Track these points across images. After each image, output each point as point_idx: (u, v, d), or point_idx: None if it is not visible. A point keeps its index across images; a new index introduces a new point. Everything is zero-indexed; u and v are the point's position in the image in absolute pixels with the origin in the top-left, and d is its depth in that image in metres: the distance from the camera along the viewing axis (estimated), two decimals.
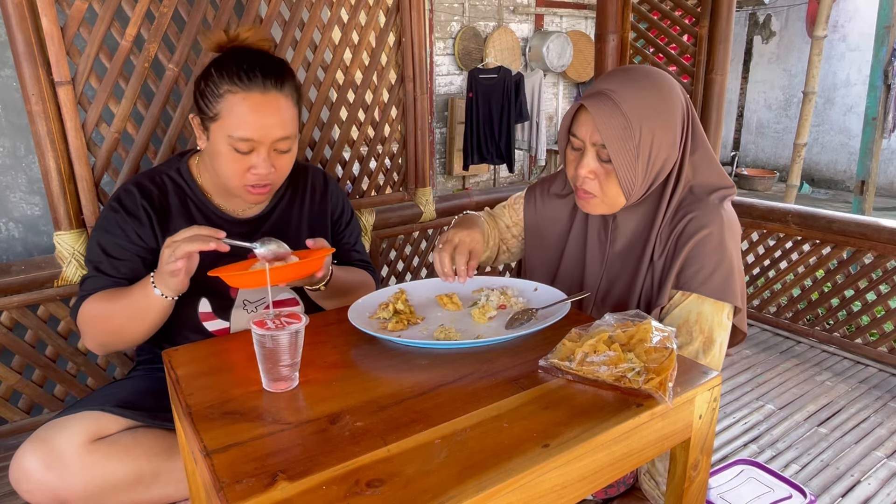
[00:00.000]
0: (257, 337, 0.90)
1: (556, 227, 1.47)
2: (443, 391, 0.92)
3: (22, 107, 1.85)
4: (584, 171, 1.23)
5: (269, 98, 1.21)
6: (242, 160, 1.23)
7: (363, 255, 1.61)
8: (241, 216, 1.40)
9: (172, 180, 1.35)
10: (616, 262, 1.36)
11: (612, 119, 1.16)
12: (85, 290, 1.25)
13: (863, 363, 2.16)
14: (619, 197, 1.25)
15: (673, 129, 1.21)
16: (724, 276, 1.20)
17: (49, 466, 1.12)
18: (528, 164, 7.40)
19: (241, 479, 0.72)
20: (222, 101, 1.20)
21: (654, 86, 1.20)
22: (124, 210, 1.28)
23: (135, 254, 1.27)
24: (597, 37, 2.57)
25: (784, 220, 2.33)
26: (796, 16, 7.60)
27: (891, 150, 6.93)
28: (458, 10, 6.35)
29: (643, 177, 1.22)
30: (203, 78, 1.24)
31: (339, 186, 1.58)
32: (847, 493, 1.49)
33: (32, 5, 1.45)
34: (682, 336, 1.22)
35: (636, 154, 1.18)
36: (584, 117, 1.22)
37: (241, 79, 1.20)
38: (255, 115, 1.20)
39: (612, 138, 1.17)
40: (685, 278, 1.22)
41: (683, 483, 0.97)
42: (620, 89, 1.19)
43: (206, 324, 1.35)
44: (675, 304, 1.24)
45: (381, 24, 2.06)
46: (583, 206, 1.30)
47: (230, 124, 1.20)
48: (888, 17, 3.84)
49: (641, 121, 1.17)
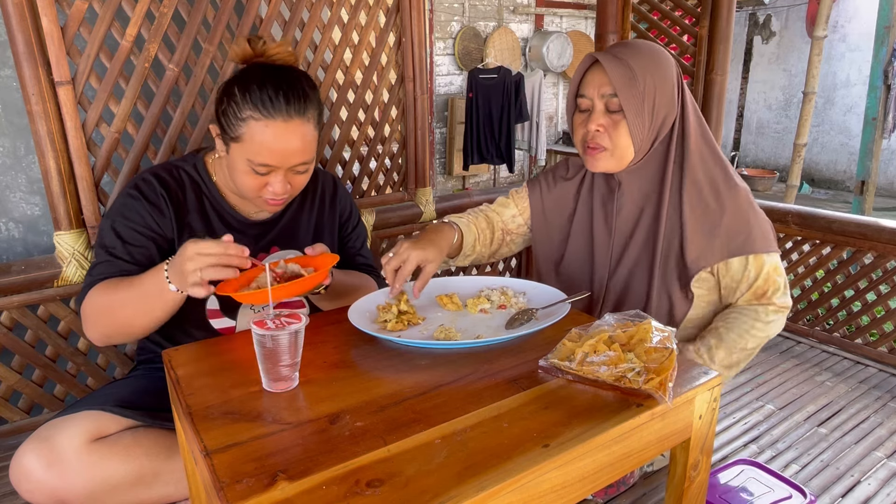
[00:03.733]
0: (257, 337, 0.90)
1: (562, 209, 1.54)
2: (443, 391, 0.92)
3: (22, 107, 1.85)
4: (593, 125, 1.34)
5: (291, 126, 1.20)
6: (260, 179, 1.24)
7: (368, 260, 1.61)
8: (254, 218, 1.41)
9: (189, 176, 1.35)
10: (625, 227, 1.44)
11: (620, 69, 1.30)
12: (95, 275, 1.23)
13: (863, 363, 2.16)
14: (628, 147, 1.35)
15: (671, 86, 1.35)
16: (765, 227, 1.37)
17: (49, 466, 1.12)
18: (528, 165, 7.40)
19: (241, 479, 0.72)
20: (244, 126, 1.19)
21: (651, 50, 1.36)
22: (144, 198, 1.27)
23: (151, 241, 1.26)
24: (597, 37, 2.57)
25: (784, 220, 2.33)
26: (796, 16, 7.59)
27: (891, 150, 6.92)
28: (458, 10, 6.35)
29: (649, 124, 1.34)
30: (226, 94, 1.22)
31: (347, 192, 1.59)
32: (847, 493, 1.49)
33: (32, 5, 1.45)
34: (770, 286, 1.37)
35: (642, 99, 1.31)
36: (589, 77, 1.36)
37: (266, 105, 1.18)
38: (277, 143, 1.19)
39: (621, 85, 1.30)
40: (742, 244, 1.35)
41: (683, 483, 0.97)
42: (623, 50, 1.34)
43: (212, 321, 1.36)
44: (753, 269, 1.36)
45: (381, 24, 2.06)
46: (592, 163, 1.38)
47: (251, 150, 1.20)
48: (888, 17, 3.83)
49: (645, 73, 1.31)
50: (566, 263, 1.52)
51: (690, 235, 1.36)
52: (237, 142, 1.21)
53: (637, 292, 1.42)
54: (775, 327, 1.41)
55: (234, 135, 1.21)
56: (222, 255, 1.05)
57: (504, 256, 1.62)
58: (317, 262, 1.22)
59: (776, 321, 1.40)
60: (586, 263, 1.50)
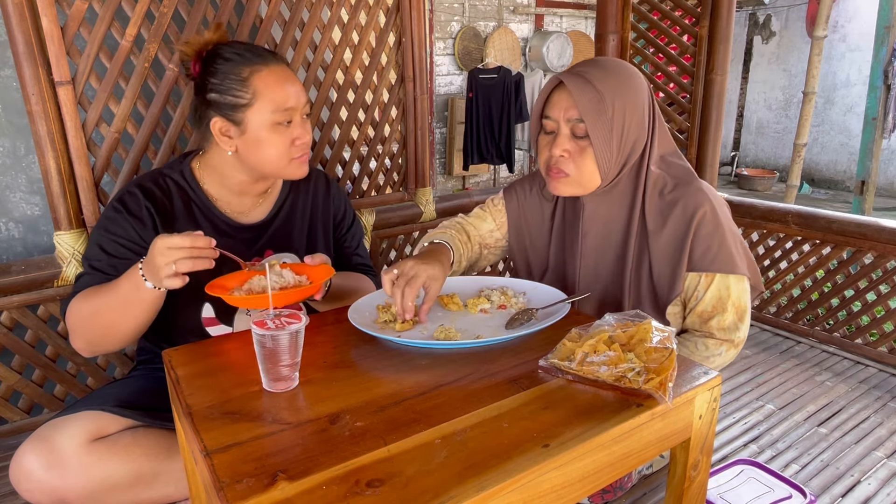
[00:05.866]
0: (257, 337, 0.90)
1: (540, 225, 1.49)
2: (443, 391, 0.92)
3: (22, 107, 1.85)
4: (558, 150, 1.27)
5: (284, 69, 1.29)
6: (286, 134, 1.27)
7: (365, 259, 1.60)
8: (245, 221, 1.39)
9: (176, 183, 1.34)
10: (591, 253, 1.38)
11: (587, 92, 1.21)
12: (78, 287, 1.24)
13: (863, 363, 2.16)
14: (594, 175, 1.27)
15: (641, 109, 1.27)
16: (731, 250, 1.28)
17: (49, 466, 1.12)
18: (527, 164, 7.40)
19: (241, 479, 0.72)
20: (251, 84, 1.23)
21: (620, 70, 1.27)
22: (127, 211, 1.27)
23: (135, 254, 1.27)
24: (597, 37, 2.57)
25: (784, 220, 2.33)
26: (796, 16, 7.60)
27: (891, 150, 6.93)
28: (458, 10, 6.35)
29: (617, 152, 1.26)
30: (212, 77, 1.24)
31: (341, 189, 1.58)
32: (847, 493, 1.49)
33: (32, 5, 1.45)
34: (717, 312, 1.31)
35: (610, 127, 1.23)
36: (555, 98, 1.27)
37: (259, 56, 1.26)
38: (287, 83, 1.27)
39: (588, 111, 1.21)
40: (699, 261, 1.27)
41: (683, 483, 0.97)
42: (592, 71, 1.25)
43: (209, 329, 1.35)
44: (703, 287, 1.30)
45: (381, 24, 2.06)
46: (555, 186, 1.31)
47: (271, 99, 1.24)
48: (888, 17, 3.83)
49: (614, 97, 1.23)
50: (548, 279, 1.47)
51: (658, 268, 1.30)
52: (252, 106, 1.24)
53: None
54: (717, 362, 1.33)
55: (246, 101, 1.24)
56: (191, 247, 1.06)
57: (481, 269, 1.57)
58: (312, 272, 1.22)
59: (719, 356, 1.32)
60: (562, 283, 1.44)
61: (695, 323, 1.34)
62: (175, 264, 1.05)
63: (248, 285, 1.18)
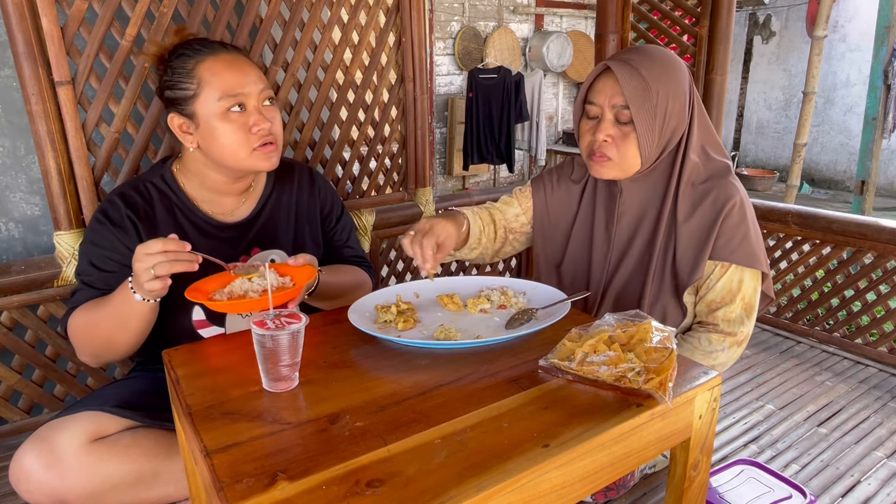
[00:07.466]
0: (257, 337, 0.90)
1: (566, 210, 1.52)
2: (443, 391, 0.92)
3: (22, 107, 1.85)
4: (602, 135, 1.30)
5: (235, 57, 1.28)
6: (240, 121, 1.24)
7: (357, 251, 1.59)
8: (229, 220, 1.38)
9: (157, 188, 1.34)
10: (623, 235, 1.42)
11: (633, 80, 1.25)
12: (73, 302, 1.26)
13: (863, 363, 2.16)
14: (635, 159, 1.31)
15: (683, 97, 1.31)
16: (752, 245, 1.31)
17: (49, 466, 1.12)
18: (527, 165, 7.40)
19: (241, 479, 0.72)
20: (196, 73, 1.23)
21: (665, 58, 1.31)
22: (110, 221, 1.27)
23: (123, 265, 1.26)
24: (597, 37, 2.57)
25: (784, 220, 2.33)
26: (796, 16, 7.59)
27: (891, 150, 6.92)
28: (458, 10, 6.35)
29: (658, 138, 1.30)
30: (166, 74, 1.26)
31: (327, 182, 1.56)
32: (847, 493, 1.49)
33: (32, 5, 1.45)
34: (725, 303, 1.33)
35: (654, 114, 1.27)
36: (600, 85, 1.31)
37: (206, 47, 1.26)
38: (233, 69, 1.25)
39: (634, 98, 1.25)
40: (720, 250, 1.30)
41: (683, 483, 0.97)
42: (637, 58, 1.29)
43: (200, 331, 1.35)
44: (717, 276, 1.33)
45: (381, 24, 2.06)
46: (597, 170, 1.35)
47: (215, 86, 1.23)
48: (888, 17, 3.83)
49: (658, 84, 1.26)
50: (566, 265, 1.50)
51: (682, 252, 1.33)
52: (198, 96, 1.23)
53: (632, 301, 1.40)
54: (720, 358, 1.34)
55: (192, 91, 1.23)
56: (164, 251, 1.06)
57: (507, 255, 1.59)
58: (295, 273, 1.21)
59: (722, 352, 1.34)
60: (585, 267, 1.48)
61: (702, 312, 1.38)
62: (153, 269, 1.05)
63: (230, 288, 1.17)
